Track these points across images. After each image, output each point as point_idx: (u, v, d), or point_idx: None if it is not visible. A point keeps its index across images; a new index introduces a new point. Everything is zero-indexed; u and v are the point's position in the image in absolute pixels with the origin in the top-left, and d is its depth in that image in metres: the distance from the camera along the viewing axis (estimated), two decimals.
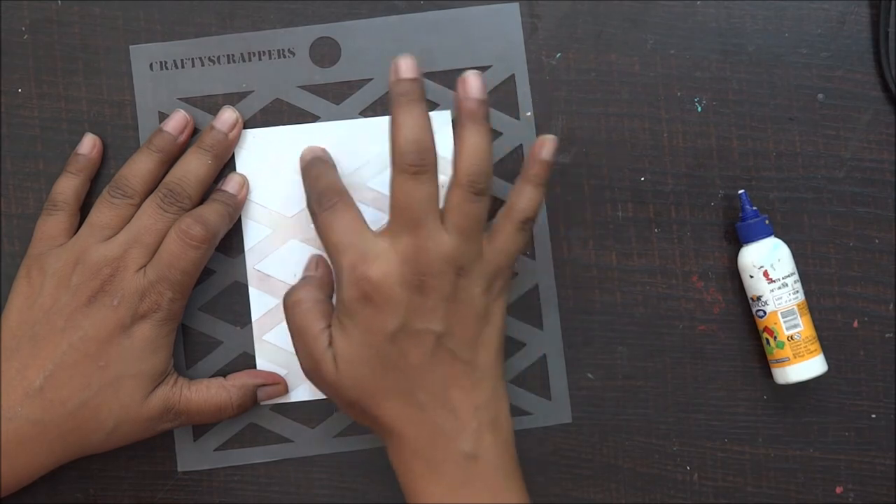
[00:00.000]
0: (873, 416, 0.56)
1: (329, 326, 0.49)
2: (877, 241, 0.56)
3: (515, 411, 0.55)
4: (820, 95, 0.56)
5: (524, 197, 0.50)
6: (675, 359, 0.56)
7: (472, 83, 0.49)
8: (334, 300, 0.51)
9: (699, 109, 0.56)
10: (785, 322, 0.53)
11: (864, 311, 0.56)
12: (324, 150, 0.54)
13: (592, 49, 0.56)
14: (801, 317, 0.53)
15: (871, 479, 0.56)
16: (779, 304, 0.53)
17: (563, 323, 0.55)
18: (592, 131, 0.56)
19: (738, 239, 0.55)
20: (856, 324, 0.56)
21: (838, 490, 0.56)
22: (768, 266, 0.53)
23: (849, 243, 0.56)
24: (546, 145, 0.51)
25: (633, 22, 0.56)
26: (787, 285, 0.53)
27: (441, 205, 0.49)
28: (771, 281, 0.53)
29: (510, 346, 0.55)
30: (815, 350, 0.54)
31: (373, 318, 0.47)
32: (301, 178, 0.53)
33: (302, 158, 0.53)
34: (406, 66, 0.48)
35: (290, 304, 0.50)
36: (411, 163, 0.47)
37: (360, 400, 0.48)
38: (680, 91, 0.56)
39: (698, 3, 0.56)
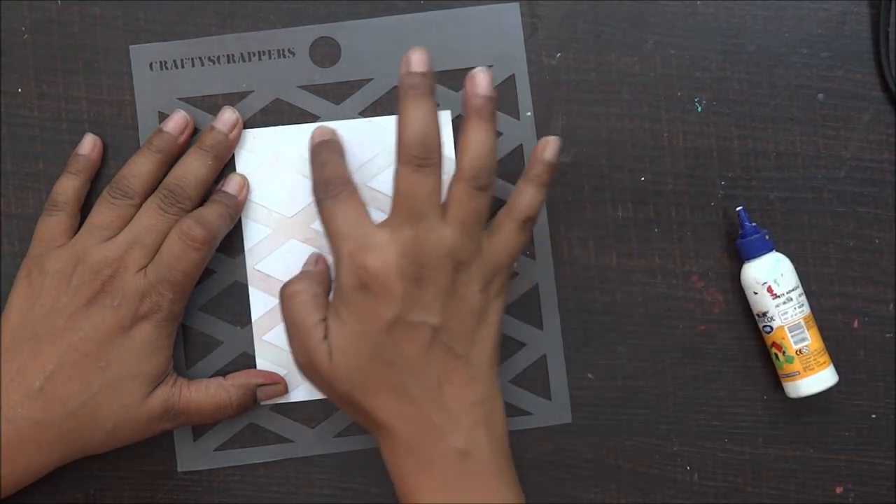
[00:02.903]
0: (873, 416, 0.56)
1: (325, 319, 0.49)
2: (877, 241, 0.56)
3: (515, 411, 0.55)
4: (820, 95, 0.56)
5: (526, 196, 0.51)
6: (675, 359, 0.56)
7: (481, 80, 0.49)
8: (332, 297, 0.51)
9: (699, 109, 0.56)
10: (793, 336, 0.53)
11: (864, 311, 0.56)
12: (333, 133, 0.54)
13: (592, 49, 0.56)
14: (808, 330, 0.53)
15: (871, 479, 0.56)
16: (785, 318, 0.53)
17: (563, 323, 0.55)
18: (592, 131, 0.56)
19: (739, 255, 0.55)
20: (856, 324, 0.56)
21: (838, 490, 0.56)
22: (771, 282, 0.53)
23: (849, 243, 0.56)
24: (549, 146, 0.51)
25: (633, 22, 0.56)
26: (791, 299, 0.53)
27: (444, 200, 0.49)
28: (775, 296, 0.53)
29: (510, 346, 0.55)
30: (825, 362, 0.54)
31: (369, 308, 0.47)
32: (308, 161, 0.53)
33: (311, 139, 0.53)
34: (418, 60, 0.48)
35: (286, 295, 0.50)
36: (416, 155, 0.47)
37: (353, 393, 0.48)
38: (680, 91, 0.56)
39: (698, 2, 0.56)
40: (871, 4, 0.56)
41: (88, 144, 0.54)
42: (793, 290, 0.54)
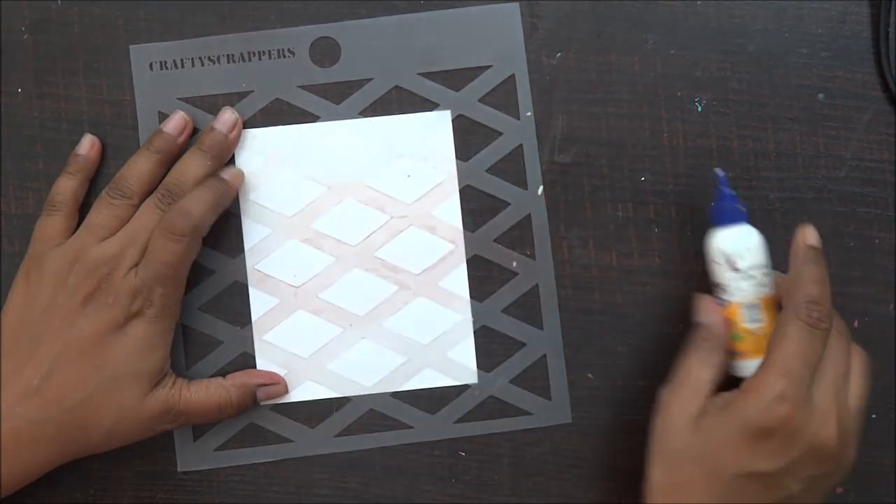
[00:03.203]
0: (873, 416, 0.56)
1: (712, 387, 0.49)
2: (877, 241, 0.56)
3: (515, 411, 0.55)
4: (820, 95, 0.56)
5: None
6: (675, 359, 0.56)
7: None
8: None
9: (699, 109, 0.56)
10: (746, 315, 0.50)
11: (864, 311, 0.56)
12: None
13: (592, 49, 0.56)
14: (764, 311, 0.50)
15: (871, 479, 0.56)
16: (741, 295, 0.50)
17: (563, 323, 0.55)
18: (592, 131, 0.56)
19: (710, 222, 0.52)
20: (856, 324, 0.56)
21: (838, 490, 0.56)
22: (735, 254, 0.50)
23: (849, 243, 0.56)
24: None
25: (633, 22, 0.56)
26: (753, 277, 0.50)
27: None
28: (735, 270, 0.50)
29: (510, 346, 0.55)
30: None
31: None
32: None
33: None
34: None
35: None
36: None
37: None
38: (680, 91, 0.56)
39: (698, 3, 0.56)
40: (871, 4, 0.56)
41: (87, 144, 0.54)
42: (757, 268, 0.50)
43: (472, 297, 0.55)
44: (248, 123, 0.55)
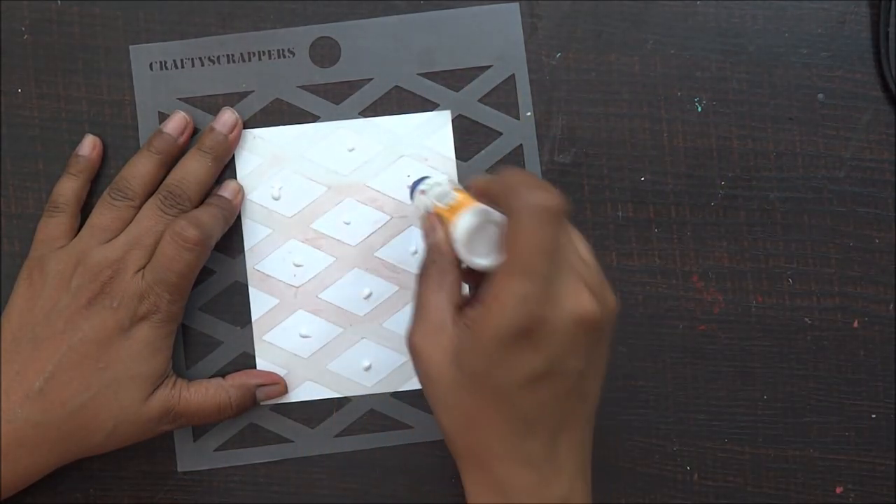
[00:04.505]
0: (873, 416, 0.56)
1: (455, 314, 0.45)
2: (877, 241, 0.56)
3: None
4: (820, 95, 0.56)
5: None
6: (675, 359, 0.56)
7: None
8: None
9: (699, 109, 0.56)
10: (442, 202, 0.48)
11: (864, 311, 0.56)
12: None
13: (592, 49, 0.56)
14: (455, 192, 0.47)
15: (871, 479, 0.56)
16: (434, 198, 0.48)
17: None
18: (592, 131, 0.56)
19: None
20: (856, 324, 0.56)
21: (838, 490, 0.56)
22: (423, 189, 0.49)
23: (849, 243, 0.56)
24: None
25: (633, 22, 0.56)
26: (440, 185, 0.49)
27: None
28: (423, 193, 0.49)
29: None
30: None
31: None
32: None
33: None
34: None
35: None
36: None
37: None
38: (680, 91, 0.56)
39: (698, 3, 0.56)
40: (871, 4, 0.56)
41: (88, 145, 0.54)
42: (439, 184, 0.49)
43: None
44: (248, 123, 0.55)
